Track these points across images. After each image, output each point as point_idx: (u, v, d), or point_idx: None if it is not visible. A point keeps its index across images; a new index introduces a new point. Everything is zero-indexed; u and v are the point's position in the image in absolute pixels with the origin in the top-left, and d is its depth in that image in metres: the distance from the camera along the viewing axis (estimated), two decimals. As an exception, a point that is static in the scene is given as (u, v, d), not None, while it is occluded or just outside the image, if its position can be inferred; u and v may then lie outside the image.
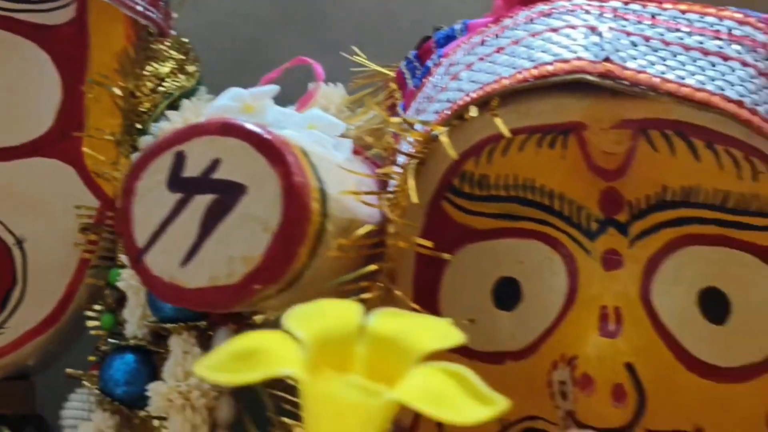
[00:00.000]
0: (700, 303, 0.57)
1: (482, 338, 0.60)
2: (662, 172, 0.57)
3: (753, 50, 0.58)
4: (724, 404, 0.58)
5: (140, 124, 0.89)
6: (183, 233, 0.53)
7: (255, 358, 0.31)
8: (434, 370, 0.33)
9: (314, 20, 1.14)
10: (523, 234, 0.60)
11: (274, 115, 0.65)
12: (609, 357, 0.56)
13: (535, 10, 0.63)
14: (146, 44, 0.93)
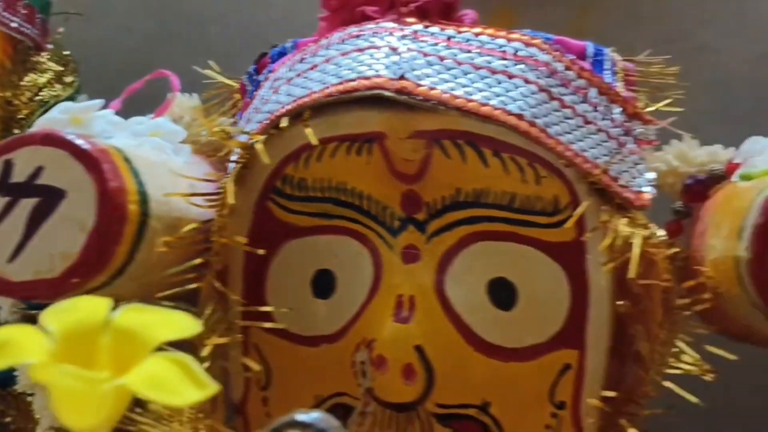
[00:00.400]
0: (489, 292, 0.61)
1: (302, 324, 0.65)
2: (455, 176, 0.61)
3: (536, 69, 0.61)
4: (510, 381, 0.62)
5: (18, 130, 0.90)
6: (10, 233, 0.56)
7: (3, 349, 0.34)
8: (161, 358, 0.35)
9: (195, 35, 1.15)
10: (338, 231, 0.64)
11: (102, 126, 0.66)
12: (400, 340, 0.59)
13: (347, 32, 0.65)
14: (24, 57, 0.95)
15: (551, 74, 0.63)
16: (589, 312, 0.62)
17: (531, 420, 0.63)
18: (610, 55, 0.69)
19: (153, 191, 0.60)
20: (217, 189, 0.66)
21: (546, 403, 0.63)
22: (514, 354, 0.62)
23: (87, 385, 0.34)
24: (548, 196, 0.61)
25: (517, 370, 0.62)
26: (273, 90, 0.66)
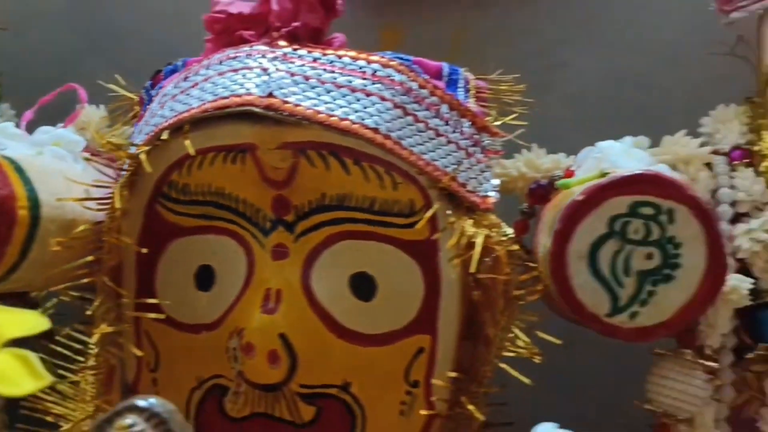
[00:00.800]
0: (351, 285, 0.66)
1: (187, 313, 0.70)
2: (320, 182, 0.65)
3: (391, 88, 0.66)
4: (369, 363, 0.66)
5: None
6: None
7: None
8: (6, 354, 0.39)
9: (115, 49, 1.15)
10: (217, 231, 0.68)
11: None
12: (266, 329, 0.63)
13: (225, 54, 0.70)
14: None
15: (406, 92, 0.67)
16: (440, 302, 0.66)
17: (388, 398, 0.67)
18: (464, 74, 0.73)
19: (46, 197, 0.64)
20: (109, 194, 0.69)
21: (401, 382, 0.67)
22: (373, 339, 0.66)
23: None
24: (404, 200, 0.65)
25: (376, 353, 0.67)
26: (160, 105, 0.70)
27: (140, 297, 0.72)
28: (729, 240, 0.72)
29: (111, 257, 0.70)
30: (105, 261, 0.70)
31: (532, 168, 0.78)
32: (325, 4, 0.74)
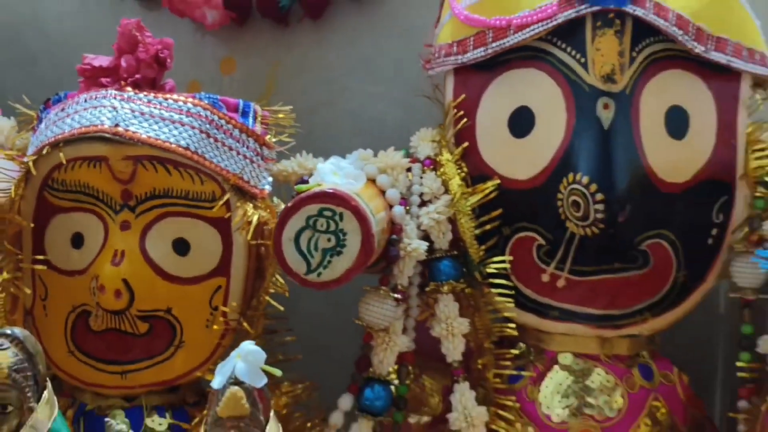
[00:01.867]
0: (173, 246, 0.82)
1: (65, 263, 0.83)
2: (152, 180, 0.81)
3: (199, 119, 0.82)
4: (184, 295, 0.82)
5: None
6: None
7: None
8: None
9: (30, 68, 1.19)
10: (85, 210, 0.83)
11: None
12: (113, 276, 0.79)
13: (90, 94, 0.83)
14: None
15: (209, 123, 0.83)
16: (232, 258, 0.83)
17: (197, 317, 0.84)
18: (254, 107, 0.88)
19: None
20: (9, 186, 0.84)
21: (207, 307, 0.84)
22: (187, 281, 0.83)
23: None
24: (208, 191, 0.82)
25: (189, 289, 0.83)
26: (46, 126, 0.83)
27: (35, 254, 0.85)
28: (417, 218, 0.87)
29: (11, 228, 0.84)
30: (7, 231, 0.84)
31: (301, 167, 0.90)
32: (158, 62, 0.86)
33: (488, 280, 0.88)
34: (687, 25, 0.84)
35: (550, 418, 0.87)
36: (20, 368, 0.60)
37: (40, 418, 0.62)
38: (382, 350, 0.87)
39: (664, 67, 0.86)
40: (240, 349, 0.63)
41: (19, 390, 0.60)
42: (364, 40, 1.14)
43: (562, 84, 0.86)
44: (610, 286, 0.87)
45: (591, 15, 0.84)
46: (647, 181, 0.85)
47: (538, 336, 0.91)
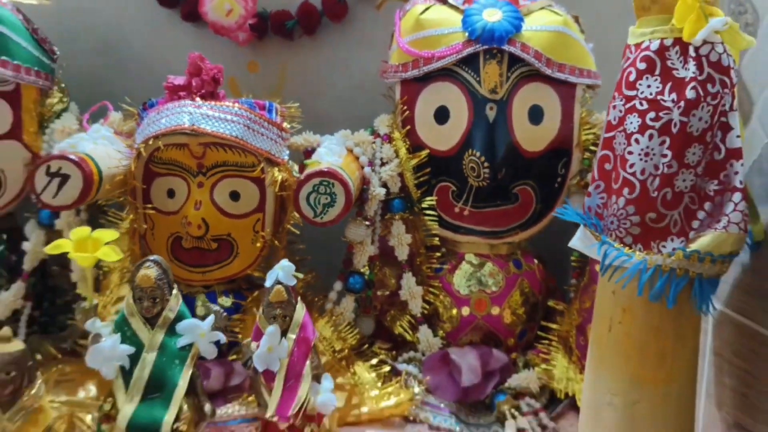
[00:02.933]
0: (230, 196, 0.91)
1: (165, 207, 0.91)
2: (215, 156, 0.89)
3: (243, 117, 0.89)
4: (239, 225, 0.92)
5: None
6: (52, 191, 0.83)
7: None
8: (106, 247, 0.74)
9: (127, 77, 1.16)
10: (175, 175, 0.91)
11: (72, 140, 0.89)
12: (196, 216, 0.89)
13: (174, 103, 0.90)
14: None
15: (248, 119, 0.90)
16: (266, 201, 0.92)
17: (247, 238, 0.93)
18: (275, 105, 0.94)
19: (103, 166, 0.86)
20: (128, 162, 0.91)
21: (251, 231, 0.93)
22: (239, 216, 0.92)
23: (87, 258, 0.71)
24: (250, 161, 0.90)
25: (240, 222, 0.92)
26: (148, 124, 0.91)
27: (145, 203, 0.93)
28: (379, 174, 0.97)
29: (130, 187, 0.91)
30: (128, 189, 0.91)
31: (306, 141, 0.99)
32: (215, 81, 0.92)
33: (423, 212, 0.99)
34: (541, 57, 0.94)
35: (459, 293, 0.99)
36: (161, 278, 0.73)
37: (172, 305, 0.73)
38: (359, 254, 1.00)
39: (528, 81, 0.95)
40: (280, 264, 0.75)
41: (161, 290, 0.72)
42: (344, 52, 1.18)
43: (465, 93, 0.95)
44: (495, 214, 0.98)
45: (483, 51, 0.93)
46: (516, 152, 0.95)
47: (453, 244, 1.00)
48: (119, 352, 0.72)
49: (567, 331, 0.97)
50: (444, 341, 0.99)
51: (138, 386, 0.72)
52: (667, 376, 0.64)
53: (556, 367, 0.95)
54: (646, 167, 0.61)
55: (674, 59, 0.60)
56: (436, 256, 1.00)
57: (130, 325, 0.73)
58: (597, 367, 0.68)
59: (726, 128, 0.61)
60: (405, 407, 0.91)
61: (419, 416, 0.92)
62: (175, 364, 0.73)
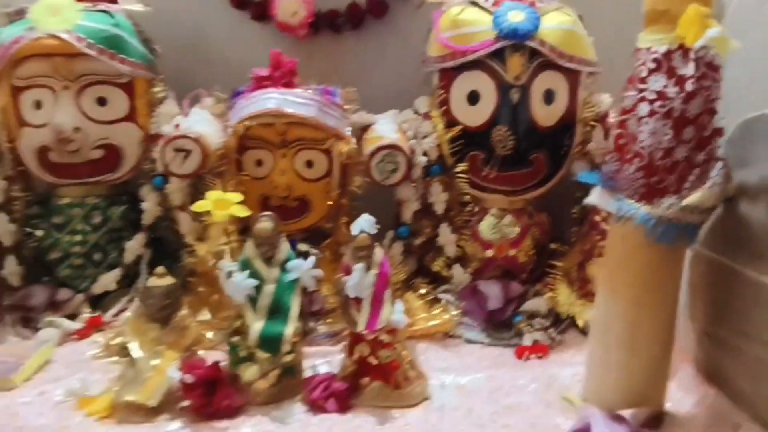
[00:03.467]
0: (305, 164, 0.98)
1: (255, 174, 0.98)
2: (298, 132, 0.96)
3: (317, 101, 0.96)
4: (314, 188, 0.98)
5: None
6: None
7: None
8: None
9: (214, 71, 1.14)
10: (262, 147, 0.96)
11: (188, 122, 0.97)
12: (281, 182, 0.97)
13: (261, 91, 0.96)
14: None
15: (320, 103, 0.97)
16: (333, 168, 0.99)
17: (320, 197, 1.00)
18: (338, 90, 1.00)
19: (212, 142, 0.94)
20: (226, 138, 0.96)
21: (323, 192, 1.00)
22: (313, 181, 0.99)
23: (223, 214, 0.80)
24: (321, 137, 0.97)
25: (314, 185, 1.00)
26: (239, 108, 0.97)
27: (238, 171, 0.98)
28: (421, 145, 0.99)
29: (229, 157, 0.97)
30: (228, 157, 0.97)
31: (362, 119, 1.03)
32: (292, 72, 0.98)
33: (456, 175, 1.02)
34: (555, 50, 0.97)
35: (485, 239, 1.04)
36: (274, 228, 0.80)
37: (283, 249, 0.81)
38: (406, 209, 1.04)
39: (544, 70, 0.98)
40: (363, 217, 0.80)
41: (275, 237, 0.79)
42: (385, 44, 1.19)
43: (494, 80, 0.98)
44: (515, 177, 1.02)
45: (509, 46, 0.96)
46: (534, 127, 0.99)
47: (479, 201, 1.03)
48: (247, 284, 0.80)
49: (569, 267, 1.02)
50: (472, 276, 1.04)
51: (262, 309, 0.81)
52: (661, 298, 0.71)
53: (560, 295, 1.01)
54: (652, 143, 0.69)
55: (677, 61, 0.67)
56: (466, 210, 1.04)
57: (252, 265, 0.82)
58: (607, 293, 0.73)
59: (712, 113, 0.67)
60: (446, 326, 1.00)
61: (457, 332, 1.01)
62: (288, 293, 0.82)
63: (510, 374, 0.88)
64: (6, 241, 1.00)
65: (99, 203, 1.03)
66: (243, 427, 0.72)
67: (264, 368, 0.77)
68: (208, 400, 0.74)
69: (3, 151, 1.01)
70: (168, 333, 0.80)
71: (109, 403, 0.75)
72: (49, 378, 0.83)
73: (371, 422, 0.75)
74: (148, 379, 0.75)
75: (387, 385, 0.80)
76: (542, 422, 0.77)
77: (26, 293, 0.98)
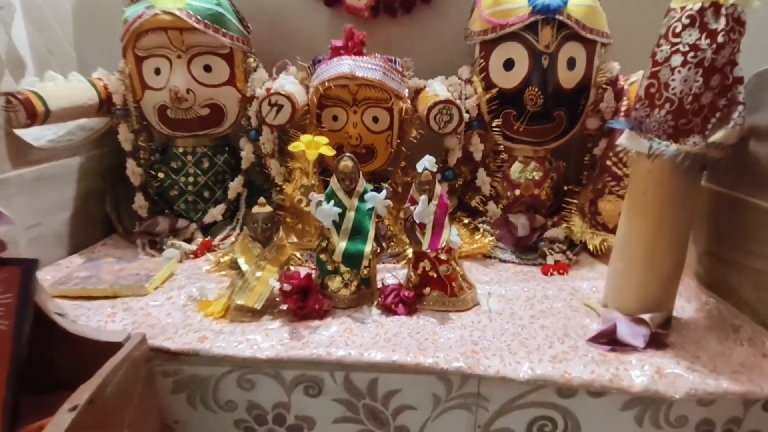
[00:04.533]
0: (372, 119, 0.88)
1: (332, 127, 0.89)
2: (367, 93, 0.86)
3: (382, 67, 0.87)
4: (378, 138, 0.90)
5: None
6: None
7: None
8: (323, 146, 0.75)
9: (295, 43, 1.04)
10: (336, 105, 0.88)
11: (280, 82, 0.88)
12: (354, 133, 0.88)
13: (336, 59, 0.88)
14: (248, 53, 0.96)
15: (385, 68, 0.88)
16: (393, 122, 0.89)
17: (383, 146, 0.91)
18: (398, 59, 0.92)
19: (299, 98, 0.84)
20: (308, 98, 0.88)
21: (385, 142, 0.89)
22: (378, 133, 0.90)
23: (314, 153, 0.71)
24: (385, 96, 0.87)
25: (379, 136, 0.90)
26: (320, 73, 0.89)
27: (318, 125, 0.90)
28: (464, 104, 0.90)
29: (311, 113, 0.88)
30: (311, 113, 0.89)
31: (415, 83, 0.95)
32: (362, 43, 0.90)
33: (492, 129, 0.95)
34: (579, 23, 0.90)
35: (514, 180, 0.97)
36: (354, 166, 0.74)
37: (360, 182, 0.74)
38: (452, 156, 0.96)
39: (568, 41, 0.90)
40: (426, 158, 0.73)
41: (354, 173, 0.72)
42: (431, 24, 1.09)
43: (527, 49, 0.91)
44: (540, 130, 0.94)
45: (541, 19, 0.88)
46: (559, 88, 0.91)
47: (510, 150, 0.97)
48: (333, 211, 0.74)
49: (582, 204, 0.96)
50: (503, 210, 0.98)
51: (346, 232, 0.75)
52: (677, 222, 0.67)
53: (574, 225, 0.96)
54: (683, 89, 0.62)
55: (709, 17, 0.60)
56: (499, 158, 0.98)
57: (336, 195, 0.76)
58: (631, 217, 0.69)
59: (735, 63, 0.61)
60: (485, 249, 0.95)
61: (493, 254, 0.96)
62: (366, 218, 0.75)
63: (540, 286, 0.84)
64: (135, 181, 0.97)
65: (207, 152, 0.98)
66: (331, 326, 0.68)
67: (346, 279, 0.74)
68: (302, 305, 0.70)
69: (130, 109, 0.96)
70: (269, 251, 0.75)
71: (223, 306, 0.72)
72: (174, 287, 0.80)
73: (433, 322, 0.71)
74: (254, 288, 0.72)
75: (445, 294, 0.76)
76: (572, 323, 0.73)
77: (153, 222, 0.95)
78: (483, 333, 0.69)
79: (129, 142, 0.96)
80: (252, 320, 0.69)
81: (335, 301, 0.74)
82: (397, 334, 0.66)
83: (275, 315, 0.71)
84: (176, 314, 0.73)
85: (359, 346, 0.62)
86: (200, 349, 0.63)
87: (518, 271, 0.90)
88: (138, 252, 0.92)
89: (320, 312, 0.71)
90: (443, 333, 0.66)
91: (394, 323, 0.69)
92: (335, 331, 0.67)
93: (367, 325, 0.69)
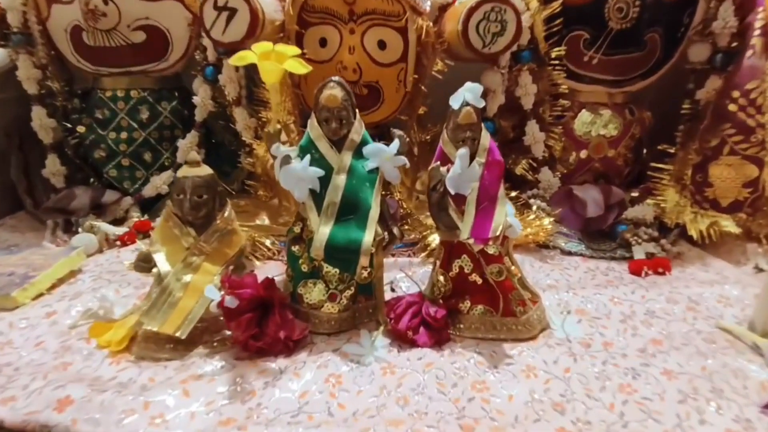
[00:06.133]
0: (377, 44, 0.64)
1: (318, 56, 0.64)
2: (366, 4, 0.62)
3: None
4: (385, 73, 0.64)
5: None
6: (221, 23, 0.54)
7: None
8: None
9: None
10: (326, 23, 0.64)
11: None
12: (351, 60, 0.63)
13: None
14: None
15: None
16: (408, 50, 0.65)
17: (392, 85, 0.66)
18: None
19: (266, 7, 0.59)
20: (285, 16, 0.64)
21: (396, 80, 0.66)
22: (385, 65, 0.65)
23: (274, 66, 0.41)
24: (396, 11, 0.63)
25: (388, 70, 0.65)
26: None
27: (303, 52, 0.63)
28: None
29: (288, 31, 0.64)
30: (287, 31, 0.64)
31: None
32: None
33: (549, 62, 0.70)
34: None
35: (580, 136, 0.72)
36: (345, 98, 0.46)
37: (357, 128, 0.46)
38: (492, 102, 0.70)
39: None
40: (467, 86, 0.45)
41: (347, 111, 0.46)
42: None
43: None
44: (622, 62, 0.69)
45: None
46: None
47: (574, 93, 0.72)
48: (310, 173, 0.45)
49: (680, 170, 0.68)
50: (563, 181, 0.72)
51: (332, 208, 0.45)
52: None
53: (667, 202, 0.67)
54: None
55: None
56: (559, 105, 0.71)
57: (317, 148, 0.46)
58: None
59: None
60: (541, 235, 0.66)
61: (553, 243, 0.67)
62: (366, 186, 0.46)
63: (637, 295, 0.54)
64: (46, 138, 0.70)
65: (146, 96, 0.71)
66: (305, 370, 0.40)
67: (333, 287, 0.46)
68: (258, 331, 0.43)
69: (33, 32, 0.67)
70: (206, 240, 0.45)
71: (127, 332, 0.43)
72: (67, 294, 0.52)
73: (478, 363, 0.42)
74: (177, 302, 0.41)
75: (495, 312, 0.46)
76: (716, 366, 0.41)
77: (67, 194, 0.68)
78: (568, 386, 0.40)
79: (34, 81, 0.68)
80: (170, 357, 0.42)
81: (314, 324, 0.46)
82: (419, 387, 0.40)
83: (211, 350, 0.43)
84: (51, 343, 0.44)
85: (352, 417, 0.36)
86: (55, 424, 0.34)
87: (593, 269, 0.61)
88: (45, 236, 0.66)
89: (287, 343, 0.43)
90: (498, 386, 0.40)
91: (414, 365, 0.42)
92: (310, 380, 0.40)
93: (367, 367, 0.41)
